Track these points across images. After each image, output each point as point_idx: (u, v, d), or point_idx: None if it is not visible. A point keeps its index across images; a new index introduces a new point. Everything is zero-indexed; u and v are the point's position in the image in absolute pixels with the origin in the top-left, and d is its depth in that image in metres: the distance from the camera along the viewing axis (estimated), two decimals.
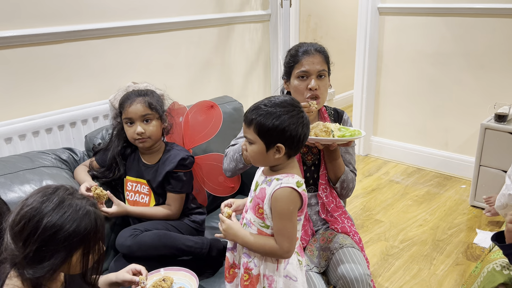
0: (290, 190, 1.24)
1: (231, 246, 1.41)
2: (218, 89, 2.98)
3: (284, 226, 1.25)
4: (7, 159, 1.75)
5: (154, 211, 1.72)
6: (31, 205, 0.99)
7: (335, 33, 4.93)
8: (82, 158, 1.93)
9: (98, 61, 2.28)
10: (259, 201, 1.29)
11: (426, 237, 2.63)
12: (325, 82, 1.66)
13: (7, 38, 1.92)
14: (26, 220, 0.97)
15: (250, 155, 1.29)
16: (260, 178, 1.34)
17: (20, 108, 2.02)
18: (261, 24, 3.20)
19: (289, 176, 1.27)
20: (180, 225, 1.73)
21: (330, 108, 1.81)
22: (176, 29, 2.63)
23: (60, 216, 0.98)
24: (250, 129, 1.25)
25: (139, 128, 1.67)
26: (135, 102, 1.68)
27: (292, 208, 1.25)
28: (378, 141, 3.80)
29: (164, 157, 1.74)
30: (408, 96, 3.53)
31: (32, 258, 0.97)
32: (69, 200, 1.01)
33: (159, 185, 1.73)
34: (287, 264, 1.31)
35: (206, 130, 1.96)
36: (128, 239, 1.57)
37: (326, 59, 1.67)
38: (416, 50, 3.39)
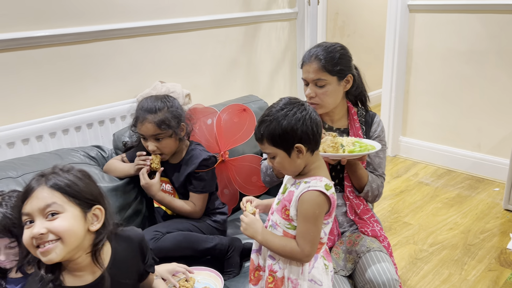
0: (318, 193, 1.22)
1: (256, 248, 1.40)
2: (244, 88, 2.97)
3: (307, 230, 1.23)
4: (38, 156, 1.79)
5: (179, 204, 1.73)
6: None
7: (363, 31, 4.85)
8: (110, 156, 1.96)
9: (126, 61, 2.31)
10: (286, 203, 1.28)
11: (457, 241, 2.55)
12: (325, 90, 1.60)
13: (36, 38, 1.97)
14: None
15: (279, 168, 1.27)
16: (289, 181, 1.33)
17: (50, 106, 2.06)
18: (288, 23, 3.17)
19: (317, 179, 1.25)
20: (201, 225, 1.73)
21: (362, 110, 1.76)
22: (202, 28, 2.63)
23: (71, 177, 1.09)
24: (265, 144, 1.25)
25: (151, 146, 1.68)
26: (146, 121, 1.66)
27: (317, 212, 1.23)
28: (407, 141, 3.71)
29: (187, 157, 1.74)
30: (439, 96, 3.44)
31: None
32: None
33: (181, 185, 1.74)
34: (312, 268, 1.29)
35: (240, 133, 1.97)
36: (149, 242, 1.57)
37: (327, 66, 1.58)
38: (447, 48, 3.29)
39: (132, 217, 1.81)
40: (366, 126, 1.73)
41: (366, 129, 1.73)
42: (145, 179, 1.70)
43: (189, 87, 2.49)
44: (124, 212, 1.78)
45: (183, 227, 1.67)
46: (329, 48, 1.61)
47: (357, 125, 1.71)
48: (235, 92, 2.85)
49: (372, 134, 1.73)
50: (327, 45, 1.63)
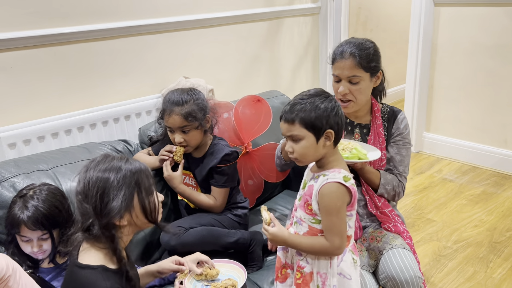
0: (337, 185, 1.23)
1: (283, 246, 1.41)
2: (266, 83, 2.98)
3: (332, 223, 1.24)
4: (67, 149, 1.84)
5: (200, 198, 1.75)
6: (81, 172, 1.14)
7: (386, 25, 4.79)
8: (136, 150, 1.99)
9: (151, 56, 2.35)
10: (307, 198, 1.29)
11: (482, 239, 2.51)
12: (359, 87, 1.59)
13: (65, 34, 2.02)
14: (82, 182, 1.12)
15: (299, 153, 1.26)
16: (308, 176, 1.33)
17: (78, 101, 2.11)
18: (311, 18, 3.16)
19: (335, 171, 1.26)
20: (223, 219, 1.75)
21: (386, 106, 1.74)
22: (226, 24, 2.65)
23: (109, 165, 1.12)
24: (295, 126, 1.24)
25: (177, 138, 1.71)
26: (173, 113, 1.68)
27: (339, 204, 1.23)
28: (430, 137, 3.66)
29: (209, 151, 1.76)
30: (464, 91, 3.37)
31: (100, 208, 1.09)
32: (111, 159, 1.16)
33: (204, 179, 1.76)
34: (341, 262, 1.29)
35: (259, 123, 1.99)
36: (172, 238, 1.60)
37: (362, 63, 1.57)
38: (473, 42, 3.22)
39: None
40: (388, 123, 1.70)
41: (388, 125, 1.70)
42: (167, 170, 1.74)
43: (213, 83, 2.51)
44: None
45: (206, 222, 1.69)
46: (362, 44, 1.60)
47: (379, 122, 1.69)
48: (258, 87, 2.87)
49: (394, 131, 1.70)
50: (359, 41, 1.62)
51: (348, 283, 1.29)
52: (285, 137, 1.30)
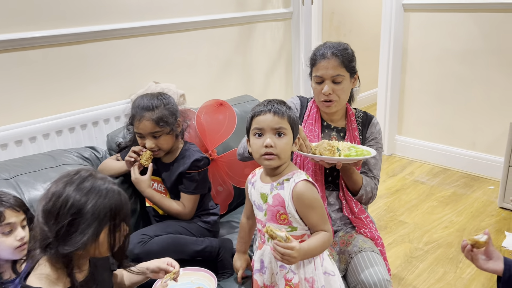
0: (306, 182, 1.27)
1: (259, 268, 1.39)
2: (239, 88, 2.97)
3: (321, 213, 1.28)
4: (31, 157, 1.79)
5: (168, 203, 1.72)
6: (57, 186, 1.05)
7: (359, 30, 4.86)
8: (104, 157, 1.95)
9: (121, 61, 2.31)
10: (278, 209, 1.28)
11: (452, 239, 2.55)
12: (342, 86, 1.62)
13: (32, 39, 1.96)
14: (55, 198, 1.03)
15: (282, 149, 1.26)
16: (265, 188, 1.32)
17: (44, 107, 2.06)
18: (283, 22, 3.17)
19: (295, 173, 1.30)
20: (191, 226, 1.72)
21: (359, 111, 1.76)
22: (198, 29, 2.63)
23: (86, 193, 1.03)
24: (284, 120, 1.27)
25: (148, 144, 1.68)
26: (144, 119, 1.66)
27: (316, 195, 1.28)
28: (402, 140, 3.72)
29: (180, 156, 1.74)
30: (434, 95, 3.44)
31: (64, 233, 1.01)
32: (91, 179, 1.06)
33: (173, 184, 1.73)
34: (323, 260, 1.32)
35: (224, 127, 1.96)
36: (136, 246, 1.55)
37: (345, 62, 1.61)
38: (442, 48, 3.30)
39: None
40: (362, 127, 1.73)
41: (363, 130, 1.73)
42: (135, 174, 1.70)
43: (184, 88, 2.48)
44: None
45: (172, 230, 1.65)
46: (341, 45, 1.65)
47: (354, 126, 1.71)
48: (230, 92, 2.85)
49: (369, 135, 1.73)
50: (337, 43, 1.66)
51: (333, 280, 1.32)
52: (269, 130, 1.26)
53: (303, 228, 1.30)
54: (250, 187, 1.41)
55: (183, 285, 1.51)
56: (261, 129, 1.27)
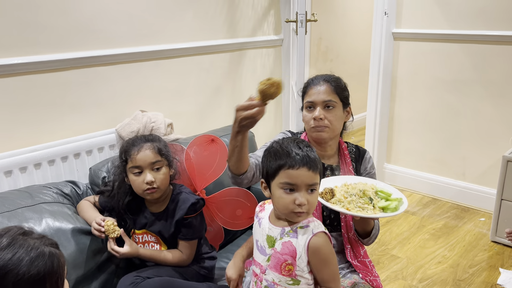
0: (324, 234, 1.17)
1: None
2: (229, 115, 2.89)
3: (334, 271, 1.18)
4: (5, 195, 1.65)
5: (166, 256, 1.60)
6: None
7: (346, 57, 4.86)
8: (85, 192, 1.83)
9: (105, 89, 2.20)
10: (286, 258, 1.17)
11: (446, 276, 2.48)
12: (334, 113, 1.57)
13: (10, 65, 1.85)
14: None
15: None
16: (274, 231, 1.21)
17: (21, 138, 1.93)
18: (273, 49, 3.12)
19: (311, 221, 1.19)
20: (187, 271, 1.61)
21: (351, 145, 1.70)
22: (186, 55, 2.55)
23: (10, 258, 0.89)
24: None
25: (149, 177, 1.54)
26: (144, 148, 1.56)
27: (332, 249, 1.19)
28: (391, 168, 3.67)
29: (172, 203, 1.62)
30: (423, 124, 3.42)
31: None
32: (21, 240, 0.93)
33: (171, 235, 1.62)
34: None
35: (214, 166, 1.84)
36: (129, 287, 1.45)
37: (337, 89, 1.58)
38: (432, 77, 3.29)
39: (106, 262, 1.67)
40: (356, 163, 1.66)
41: (356, 166, 1.66)
42: (118, 252, 1.54)
43: (172, 116, 2.39)
44: (98, 256, 1.65)
45: (167, 274, 1.54)
46: (333, 76, 1.63)
47: (348, 160, 1.64)
48: (219, 121, 2.77)
49: (363, 171, 1.67)
50: (329, 74, 1.64)
51: None
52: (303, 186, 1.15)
53: (307, 283, 1.19)
54: (256, 222, 1.30)
55: None
56: (293, 185, 1.14)
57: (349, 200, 1.35)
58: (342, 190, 1.40)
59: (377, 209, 1.33)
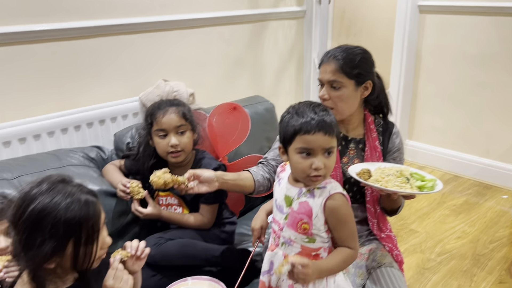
0: (341, 195, 1.18)
1: (267, 269, 1.31)
2: (249, 88, 2.89)
3: (351, 230, 1.20)
4: (34, 157, 1.71)
5: (187, 219, 1.65)
6: (23, 192, 0.97)
7: (370, 30, 4.76)
8: (110, 157, 1.88)
9: (129, 57, 2.22)
10: (302, 217, 1.19)
11: (466, 251, 2.47)
12: (340, 93, 1.47)
13: (37, 32, 1.88)
14: (17, 206, 0.96)
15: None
16: (292, 191, 1.23)
17: (48, 104, 1.98)
18: (295, 21, 3.08)
19: (329, 182, 1.20)
20: (208, 235, 1.65)
21: (379, 117, 1.63)
22: (208, 25, 2.55)
23: (48, 202, 0.94)
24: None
25: (173, 140, 1.57)
26: (169, 112, 1.59)
27: (350, 210, 1.20)
28: (413, 145, 3.63)
29: (195, 167, 1.65)
30: (448, 99, 3.36)
31: (24, 245, 0.94)
32: (60, 186, 0.98)
33: (194, 198, 1.65)
34: (336, 276, 1.23)
35: (236, 133, 1.87)
36: (152, 248, 1.49)
37: (344, 68, 1.46)
38: (458, 51, 3.21)
39: (130, 224, 1.73)
40: (383, 137, 1.59)
41: (384, 140, 1.59)
42: (141, 212, 1.59)
43: (192, 86, 2.40)
44: (123, 218, 1.71)
45: (188, 236, 1.59)
46: (350, 49, 1.50)
47: (374, 135, 1.58)
48: (240, 92, 2.77)
49: (391, 146, 1.60)
50: (349, 46, 1.53)
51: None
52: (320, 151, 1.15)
53: (322, 241, 1.21)
54: (276, 181, 1.32)
55: None
56: (310, 149, 1.15)
57: (386, 180, 1.37)
58: (378, 172, 1.41)
59: (415, 188, 1.35)
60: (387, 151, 1.60)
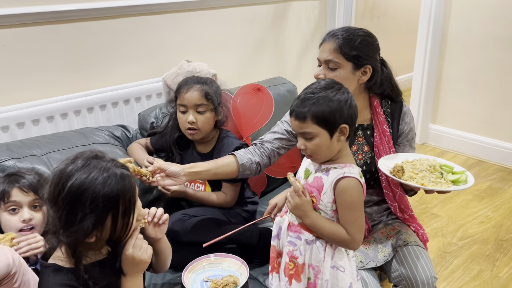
0: (356, 181, 1.18)
1: (276, 234, 1.34)
2: (271, 69, 2.88)
3: (355, 218, 1.19)
4: (62, 134, 1.76)
5: (211, 197, 1.67)
6: (58, 169, 0.99)
7: (394, 12, 4.67)
8: (135, 136, 1.92)
9: (153, 37, 2.24)
10: (312, 190, 1.22)
11: (488, 236, 2.45)
12: (336, 74, 1.41)
13: (62, 12, 1.91)
14: (54, 183, 0.97)
15: (313, 150, 1.19)
16: (312, 166, 1.25)
17: (75, 83, 2.02)
18: (319, 2, 3.04)
19: (348, 166, 1.20)
20: (230, 213, 1.68)
21: (386, 98, 1.56)
22: (231, 6, 2.54)
23: (86, 177, 0.96)
24: (307, 123, 1.17)
25: (190, 117, 1.60)
26: (192, 89, 1.61)
27: (361, 198, 1.19)
28: (436, 129, 3.58)
29: (218, 145, 1.68)
30: (473, 82, 3.28)
31: (64, 222, 0.96)
32: (95, 162, 0.99)
33: None
34: (334, 255, 1.24)
35: (260, 114, 1.88)
36: (176, 223, 1.53)
37: (343, 48, 1.40)
38: (486, 33, 3.12)
39: (155, 201, 1.77)
40: (392, 119, 1.54)
41: (392, 122, 1.54)
42: (168, 190, 1.61)
43: (215, 67, 2.41)
44: (147, 195, 1.75)
45: (212, 214, 1.62)
46: (352, 30, 1.45)
47: (381, 119, 1.53)
48: (262, 74, 2.77)
49: (402, 128, 1.55)
50: (351, 28, 1.48)
51: (341, 276, 1.23)
52: (297, 133, 1.22)
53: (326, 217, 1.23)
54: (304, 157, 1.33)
55: (213, 271, 1.48)
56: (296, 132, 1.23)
57: (421, 176, 1.37)
58: (408, 166, 1.41)
59: (449, 183, 1.36)
60: (399, 133, 1.56)
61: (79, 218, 0.95)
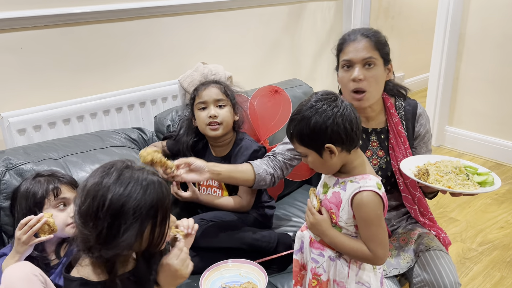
0: (373, 194, 1.12)
1: (298, 248, 1.31)
2: (287, 71, 2.85)
3: (374, 233, 1.13)
4: (79, 137, 1.75)
5: (225, 201, 1.65)
6: (93, 182, 0.95)
7: (408, 12, 4.61)
8: (151, 139, 1.90)
9: (168, 39, 2.22)
10: (331, 206, 1.18)
11: (509, 241, 2.39)
12: (374, 72, 1.40)
13: (78, 14, 1.90)
14: (90, 198, 0.93)
15: (313, 167, 1.19)
16: (330, 180, 1.21)
17: (91, 86, 2.01)
18: (334, 3, 3.01)
19: (364, 177, 1.15)
20: (247, 217, 1.65)
21: (400, 100, 1.54)
22: (246, 7, 2.52)
23: (124, 189, 0.93)
24: (295, 144, 1.17)
25: (212, 111, 1.60)
26: (210, 86, 1.65)
27: (379, 212, 1.13)
28: (453, 131, 3.51)
29: (235, 149, 1.66)
30: (491, 84, 3.22)
31: (106, 237, 0.93)
32: (129, 172, 0.97)
33: None
34: (359, 270, 1.20)
35: (277, 117, 1.85)
36: None
37: (378, 45, 1.41)
38: (504, 33, 3.06)
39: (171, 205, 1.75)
40: (406, 121, 1.52)
41: (407, 124, 1.52)
42: (180, 196, 1.61)
43: (230, 69, 2.39)
44: None
45: (229, 219, 1.60)
46: (372, 30, 1.45)
47: (395, 120, 1.51)
48: (277, 75, 2.74)
49: (418, 130, 1.53)
50: (366, 28, 1.47)
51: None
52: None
53: (349, 234, 1.20)
54: None
55: (231, 277, 1.46)
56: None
57: (447, 178, 1.33)
58: (432, 169, 1.37)
59: (476, 185, 1.32)
60: (415, 136, 1.54)
61: (122, 230, 0.92)
